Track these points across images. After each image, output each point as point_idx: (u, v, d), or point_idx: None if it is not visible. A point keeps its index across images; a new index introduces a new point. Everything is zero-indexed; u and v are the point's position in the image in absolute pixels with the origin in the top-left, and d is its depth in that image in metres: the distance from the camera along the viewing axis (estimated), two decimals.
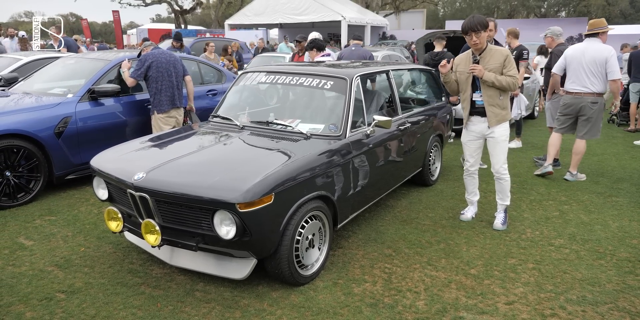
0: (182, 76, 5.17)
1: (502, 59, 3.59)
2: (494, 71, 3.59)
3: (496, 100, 3.67)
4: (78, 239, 3.63)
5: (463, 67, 3.73)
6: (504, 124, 3.75)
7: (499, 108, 3.69)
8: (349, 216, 3.43)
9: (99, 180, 3.13)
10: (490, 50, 3.64)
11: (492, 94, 3.65)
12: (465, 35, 3.59)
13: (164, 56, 5.00)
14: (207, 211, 2.57)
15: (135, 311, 2.67)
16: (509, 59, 3.59)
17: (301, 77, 3.68)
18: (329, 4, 20.44)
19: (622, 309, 2.73)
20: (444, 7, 53.29)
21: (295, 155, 2.92)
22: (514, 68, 3.61)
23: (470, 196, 4.13)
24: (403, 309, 2.72)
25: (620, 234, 3.79)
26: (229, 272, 2.81)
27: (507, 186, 3.89)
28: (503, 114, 3.71)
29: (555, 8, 49.37)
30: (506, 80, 3.55)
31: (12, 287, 2.91)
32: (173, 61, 5.05)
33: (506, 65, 3.58)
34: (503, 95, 3.68)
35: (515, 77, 3.58)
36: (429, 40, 8.22)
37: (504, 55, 3.60)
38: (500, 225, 3.87)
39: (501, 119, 3.71)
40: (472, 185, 4.08)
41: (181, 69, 5.16)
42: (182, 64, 5.20)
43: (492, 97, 3.66)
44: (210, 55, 8.89)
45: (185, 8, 34.16)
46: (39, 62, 6.28)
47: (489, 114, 3.70)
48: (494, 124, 3.71)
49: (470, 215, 4.11)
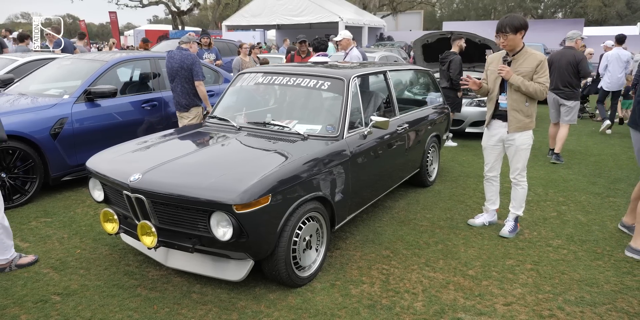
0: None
1: (535, 64, 3.41)
2: (525, 75, 3.42)
3: (520, 106, 3.50)
4: (74, 240, 3.61)
5: (494, 66, 3.57)
6: (526, 132, 3.58)
7: (522, 114, 3.52)
8: (346, 217, 3.41)
9: (94, 181, 3.10)
10: (525, 53, 3.45)
11: (517, 98, 3.49)
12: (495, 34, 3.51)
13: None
14: (204, 212, 2.55)
15: (131, 313, 2.64)
16: (543, 65, 3.40)
17: (298, 77, 3.67)
18: (326, 5, 20.45)
19: (620, 310, 2.72)
20: (441, 8, 53.39)
21: (292, 156, 2.91)
22: (546, 76, 3.41)
23: (488, 204, 3.96)
24: (401, 310, 2.70)
25: (617, 234, 3.79)
26: (226, 274, 2.79)
27: (523, 194, 3.74)
28: (526, 122, 3.54)
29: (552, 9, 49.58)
30: (534, 86, 3.38)
31: (6, 290, 2.89)
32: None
33: (538, 71, 3.40)
34: (529, 102, 3.50)
35: (545, 86, 3.40)
36: (426, 41, 8.23)
37: (538, 60, 3.41)
38: (508, 232, 3.72)
39: (522, 127, 3.55)
40: (491, 192, 3.92)
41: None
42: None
43: (517, 102, 3.50)
44: (245, 57, 8.00)
45: (182, 9, 34.18)
46: (35, 63, 6.25)
47: (510, 118, 3.54)
48: (513, 130, 3.55)
49: (481, 222, 3.93)
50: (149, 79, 5.61)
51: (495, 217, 4.00)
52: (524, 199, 3.77)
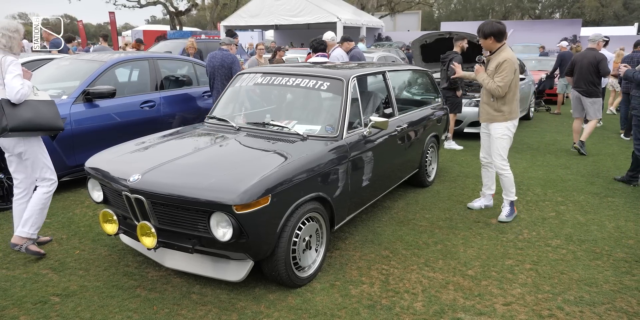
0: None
1: (494, 65, 3.81)
2: (490, 74, 3.84)
3: (488, 100, 3.96)
4: (73, 241, 3.60)
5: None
6: (498, 124, 3.95)
7: (490, 107, 3.95)
8: (345, 217, 3.41)
9: (94, 182, 3.10)
10: (497, 54, 3.84)
11: (486, 93, 3.96)
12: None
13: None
14: (204, 213, 2.55)
15: (130, 314, 2.64)
16: (501, 66, 3.75)
17: (297, 78, 3.67)
18: (324, 6, 20.43)
19: (619, 310, 2.73)
20: (439, 8, 53.44)
21: (292, 157, 2.91)
22: (503, 76, 3.75)
23: (485, 189, 4.34)
24: (401, 310, 2.70)
25: (616, 234, 3.80)
26: (226, 275, 2.79)
27: (508, 181, 4.05)
28: (494, 115, 3.94)
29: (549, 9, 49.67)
30: (490, 85, 3.80)
31: (6, 291, 2.88)
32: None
33: (497, 71, 3.79)
34: (494, 99, 3.90)
35: (498, 85, 3.75)
36: (425, 41, 8.24)
37: (498, 61, 3.78)
38: (505, 217, 4.05)
39: (491, 119, 3.97)
40: (487, 177, 4.29)
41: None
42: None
43: (486, 96, 3.97)
44: (260, 59, 7.80)
45: (180, 9, 34.12)
46: (32, 63, 6.23)
47: (480, 109, 4.08)
48: (484, 120, 4.05)
49: (478, 205, 4.33)
50: (148, 79, 5.59)
51: (492, 201, 4.38)
52: (512, 184, 4.07)
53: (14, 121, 2.97)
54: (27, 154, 3.20)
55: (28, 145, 3.19)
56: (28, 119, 3.03)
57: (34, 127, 3.08)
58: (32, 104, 3.10)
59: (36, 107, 3.10)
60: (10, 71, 3.00)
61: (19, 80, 3.01)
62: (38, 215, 3.27)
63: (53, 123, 3.16)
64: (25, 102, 3.07)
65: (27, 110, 3.05)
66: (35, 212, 3.26)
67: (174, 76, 6.04)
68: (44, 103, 3.18)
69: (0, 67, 3.03)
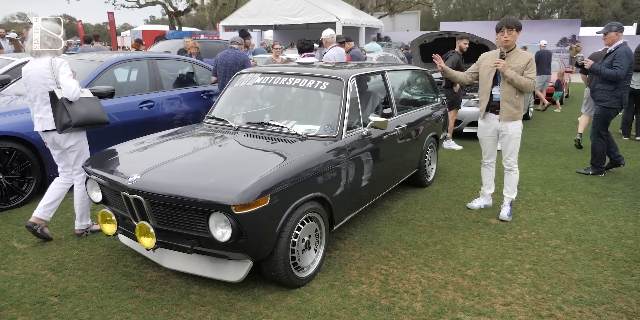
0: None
1: (525, 61, 3.83)
2: (516, 70, 3.84)
3: (511, 97, 3.91)
4: (71, 242, 3.59)
5: (488, 62, 3.99)
6: (516, 122, 3.97)
7: (512, 105, 3.92)
8: (345, 217, 3.41)
9: (92, 182, 3.09)
10: (517, 51, 3.90)
11: (509, 90, 3.89)
12: (497, 31, 3.84)
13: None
14: (203, 213, 2.54)
15: (129, 315, 2.63)
16: (532, 63, 3.83)
17: (297, 78, 3.66)
18: (323, 6, 20.43)
19: (619, 309, 2.73)
20: (438, 8, 53.48)
21: (291, 157, 2.90)
22: (534, 72, 3.84)
23: (485, 188, 4.35)
24: (400, 310, 2.70)
25: (615, 234, 3.80)
26: (225, 275, 2.78)
27: (515, 179, 4.13)
28: (515, 113, 3.94)
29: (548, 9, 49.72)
30: (525, 80, 3.80)
31: (4, 291, 2.87)
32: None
33: (528, 68, 3.83)
34: (519, 95, 3.91)
35: (533, 80, 3.82)
36: (424, 41, 8.23)
37: (529, 58, 3.85)
38: (507, 216, 4.09)
39: (512, 117, 3.94)
40: (487, 177, 4.32)
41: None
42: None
43: (509, 94, 3.91)
44: (277, 58, 7.76)
45: (179, 9, 34.11)
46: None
47: (502, 108, 3.95)
48: (504, 119, 3.96)
49: (478, 206, 4.34)
50: (147, 79, 5.58)
51: (491, 201, 4.39)
52: (517, 183, 4.15)
53: (76, 117, 3.26)
54: (76, 147, 3.48)
55: (78, 138, 3.48)
56: (85, 115, 3.31)
57: (89, 122, 3.36)
58: (84, 101, 3.36)
59: (87, 103, 3.37)
60: (63, 72, 3.26)
61: (73, 80, 3.27)
62: (86, 207, 3.63)
63: (102, 118, 3.44)
64: (79, 100, 3.32)
65: (82, 107, 3.32)
66: (84, 206, 3.61)
67: (173, 76, 6.04)
68: (91, 100, 3.44)
69: (52, 69, 3.25)
